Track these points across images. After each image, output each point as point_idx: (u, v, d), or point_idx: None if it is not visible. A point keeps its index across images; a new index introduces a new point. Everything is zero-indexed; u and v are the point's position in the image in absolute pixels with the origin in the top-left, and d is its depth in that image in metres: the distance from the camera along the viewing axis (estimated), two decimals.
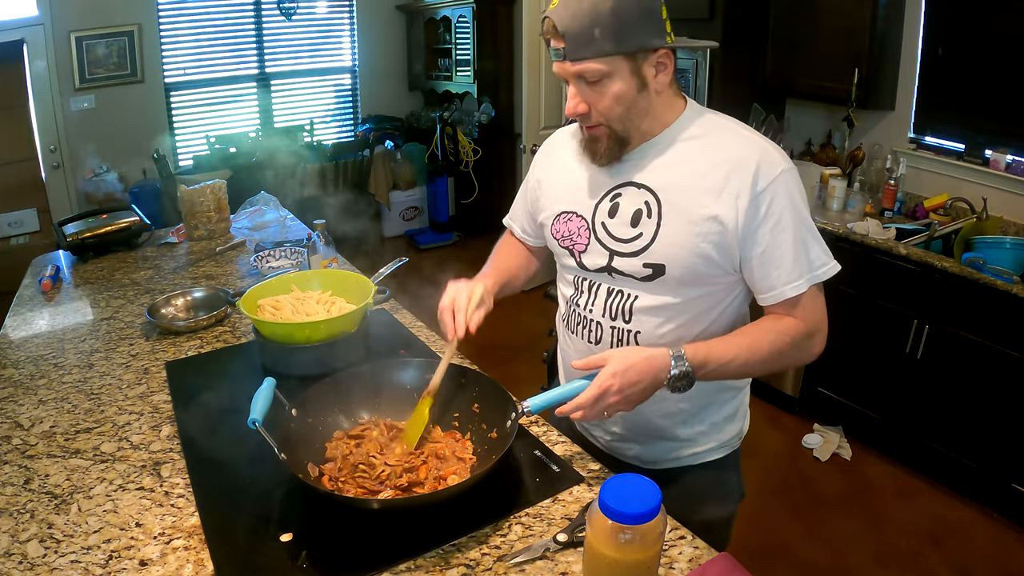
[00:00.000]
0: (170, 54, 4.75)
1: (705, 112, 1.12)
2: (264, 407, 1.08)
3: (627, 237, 1.09)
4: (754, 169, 1.02)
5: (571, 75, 1.02)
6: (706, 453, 1.22)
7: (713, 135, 1.08)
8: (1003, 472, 2.30)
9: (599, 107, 1.04)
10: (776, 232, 1.03)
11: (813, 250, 1.05)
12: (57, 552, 0.93)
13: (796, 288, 1.04)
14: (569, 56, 1.00)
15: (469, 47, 4.98)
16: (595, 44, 0.97)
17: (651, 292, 1.09)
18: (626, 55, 1.00)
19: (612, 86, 1.01)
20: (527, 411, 1.07)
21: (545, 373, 1.44)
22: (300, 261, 1.90)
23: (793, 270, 1.04)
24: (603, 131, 1.07)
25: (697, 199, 1.04)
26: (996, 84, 2.63)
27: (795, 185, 1.04)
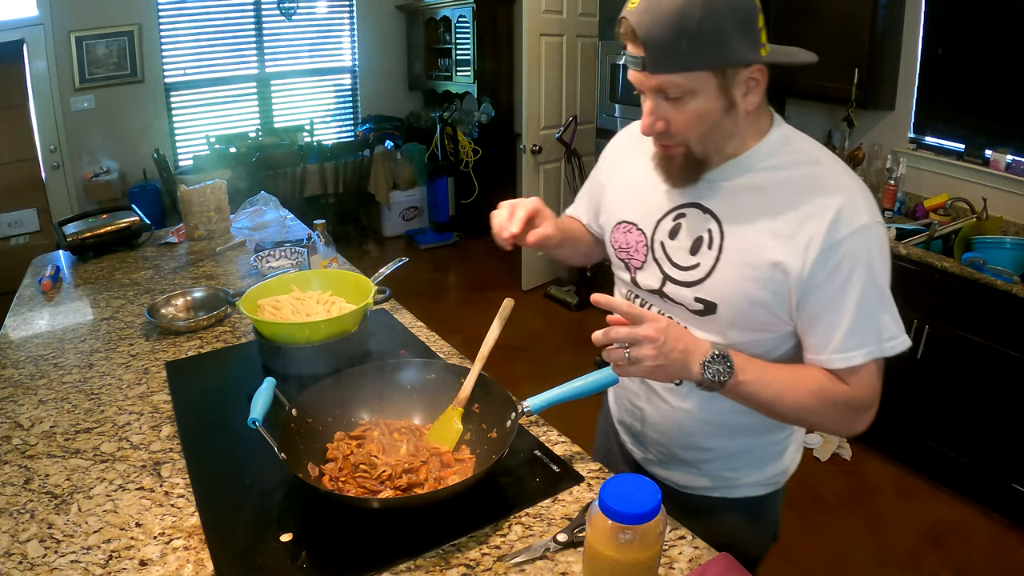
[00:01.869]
0: (170, 54, 4.76)
1: (793, 137, 0.99)
2: (264, 407, 1.08)
3: (684, 264, 1.00)
4: (833, 216, 0.90)
5: (649, 88, 0.91)
6: (744, 488, 1.13)
7: (797, 168, 0.95)
8: (1003, 472, 2.30)
9: (677, 125, 0.92)
10: (842, 291, 0.91)
11: (882, 319, 0.92)
12: (57, 552, 0.93)
13: (848, 359, 0.92)
14: (649, 67, 0.88)
15: (469, 47, 4.99)
16: (680, 57, 0.86)
17: (699, 327, 1.00)
18: (714, 71, 0.88)
19: (695, 104, 0.90)
20: (527, 411, 1.07)
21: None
22: (300, 261, 1.90)
23: (850, 337, 0.91)
24: (679, 151, 0.96)
25: (763, 240, 0.94)
26: (996, 84, 2.63)
27: (877, 243, 0.91)
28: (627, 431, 1.22)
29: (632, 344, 0.87)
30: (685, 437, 1.10)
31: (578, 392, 1.08)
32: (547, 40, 3.99)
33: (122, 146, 4.51)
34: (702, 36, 0.84)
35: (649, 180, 1.05)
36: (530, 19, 3.86)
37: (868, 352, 0.92)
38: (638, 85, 0.93)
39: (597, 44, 3.73)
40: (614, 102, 3.67)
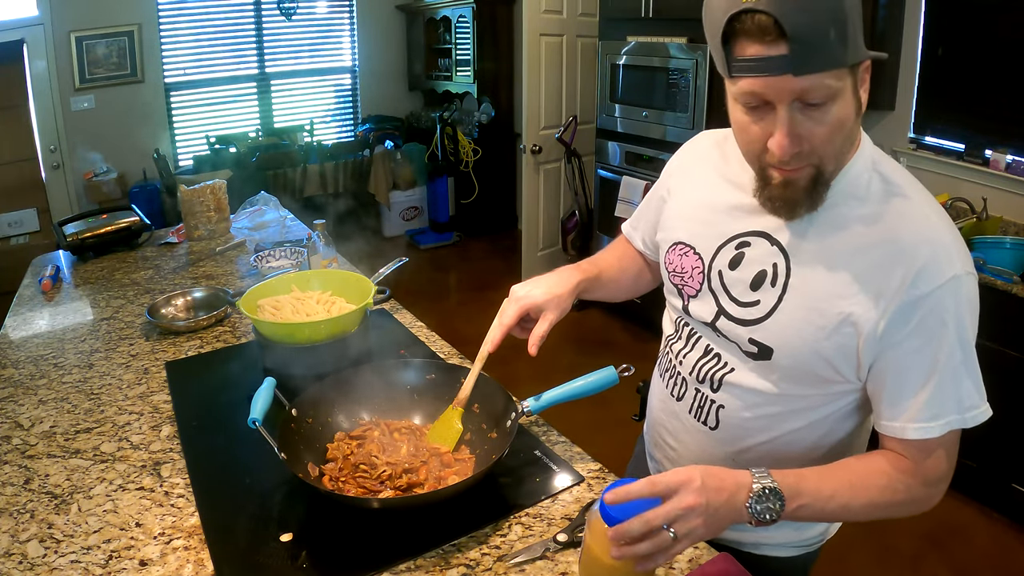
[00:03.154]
0: (170, 54, 4.76)
1: (880, 160, 0.86)
2: (264, 407, 1.08)
3: (743, 300, 0.90)
4: (920, 265, 0.77)
5: (786, 97, 0.74)
6: (774, 548, 1.03)
7: (882, 202, 0.82)
8: (1003, 472, 2.30)
9: (817, 139, 0.76)
10: (922, 352, 0.79)
11: (964, 385, 0.80)
12: (57, 552, 0.93)
13: (924, 430, 0.80)
14: (796, 67, 0.71)
15: (469, 47, 4.99)
16: (830, 50, 0.70)
17: (750, 370, 0.91)
18: (851, 68, 0.75)
19: (836, 109, 0.75)
20: (527, 411, 1.07)
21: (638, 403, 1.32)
22: (300, 261, 1.90)
23: (929, 406, 0.80)
24: (807, 173, 0.79)
25: (835, 285, 0.82)
26: (996, 84, 2.63)
27: (967, 299, 0.79)
28: (657, 468, 1.14)
29: (675, 521, 0.74)
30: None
31: (578, 392, 1.08)
32: (547, 40, 3.99)
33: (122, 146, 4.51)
34: (847, 25, 0.71)
35: (713, 199, 0.95)
36: (530, 19, 3.86)
37: (948, 423, 0.80)
38: (768, 94, 0.75)
39: (597, 44, 3.73)
40: (614, 102, 3.67)
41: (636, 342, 3.71)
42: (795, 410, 0.90)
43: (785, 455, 0.94)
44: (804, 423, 0.91)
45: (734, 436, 0.95)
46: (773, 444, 0.93)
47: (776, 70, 0.72)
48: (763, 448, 0.94)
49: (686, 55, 3.16)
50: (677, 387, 1.01)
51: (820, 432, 0.92)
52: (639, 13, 3.39)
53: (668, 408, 1.04)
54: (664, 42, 3.28)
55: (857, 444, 0.96)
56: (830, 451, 0.94)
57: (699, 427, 0.98)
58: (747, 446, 0.95)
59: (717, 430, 0.96)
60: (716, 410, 0.95)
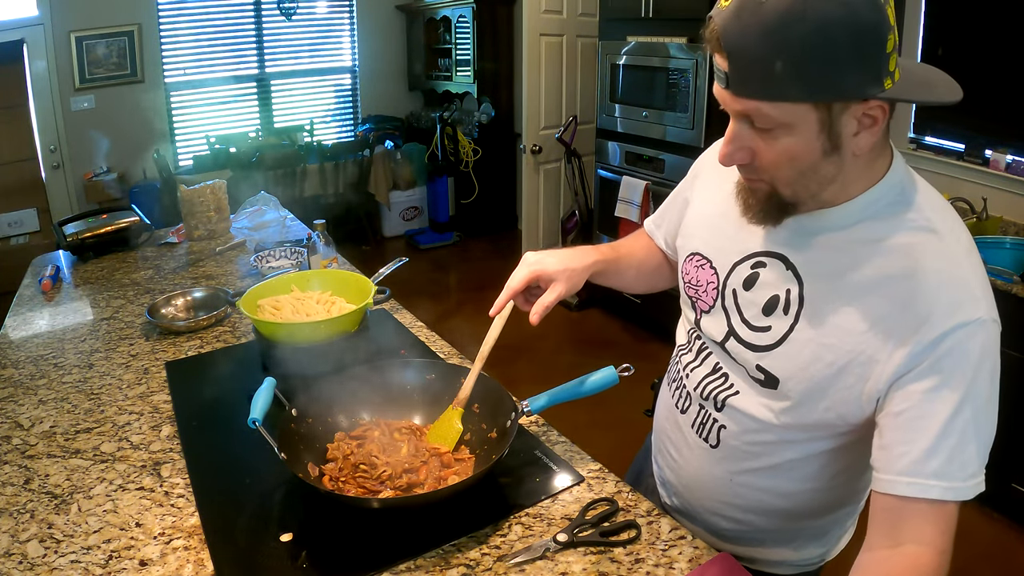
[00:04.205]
0: (170, 54, 4.76)
1: (911, 188, 0.80)
2: (264, 407, 1.08)
3: (755, 324, 0.86)
4: (942, 304, 0.72)
5: (733, 111, 0.75)
6: (772, 565, 1.01)
7: (907, 234, 0.76)
8: (1003, 472, 2.30)
9: (763, 160, 0.75)
10: (932, 399, 0.72)
11: (967, 450, 0.73)
12: (57, 552, 0.93)
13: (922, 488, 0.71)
14: (733, 87, 0.71)
15: (469, 47, 4.99)
16: (773, 82, 0.68)
17: (756, 396, 0.87)
18: (816, 105, 0.69)
19: (788, 140, 0.72)
20: (527, 411, 1.07)
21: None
22: (300, 261, 1.90)
23: (930, 459, 0.71)
24: (763, 188, 0.79)
25: (848, 319, 0.77)
26: (996, 84, 2.62)
27: (989, 348, 0.74)
28: (659, 472, 1.13)
29: None
30: (712, 503, 0.99)
31: (578, 392, 1.08)
32: (547, 40, 3.99)
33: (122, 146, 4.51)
34: (805, 59, 0.66)
35: (733, 211, 0.89)
36: (530, 19, 3.86)
37: (949, 488, 0.72)
38: (722, 103, 0.76)
39: (597, 44, 3.73)
40: (614, 102, 3.67)
41: (636, 342, 3.71)
42: (796, 441, 0.87)
43: (784, 481, 0.92)
44: (803, 455, 0.88)
45: (734, 457, 0.93)
46: (772, 471, 0.91)
47: (722, 82, 0.73)
48: (763, 473, 0.92)
49: (686, 55, 3.16)
50: (682, 400, 1.00)
51: (820, 463, 0.88)
52: (639, 13, 3.39)
53: (672, 419, 1.04)
54: (664, 42, 3.28)
55: (863, 478, 0.93)
56: (832, 481, 0.91)
57: (700, 443, 0.97)
58: (745, 468, 0.93)
59: (717, 449, 0.95)
60: (718, 430, 0.94)
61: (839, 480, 0.91)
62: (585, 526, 0.95)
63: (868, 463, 0.79)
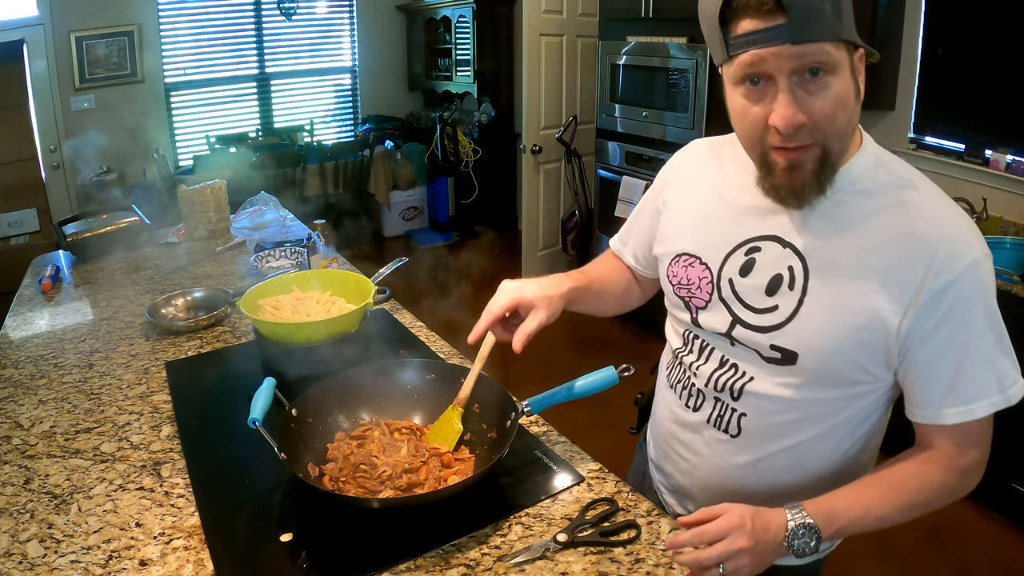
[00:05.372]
0: (170, 54, 4.76)
1: (884, 156, 0.87)
2: (264, 407, 1.08)
3: (759, 306, 0.89)
4: (940, 254, 0.79)
5: (787, 67, 0.75)
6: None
7: (890, 194, 0.83)
8: (1003, 472, 2.30)
9: (819, 115, 0.77)
10: (954, 340, 0.80)
11: (1001, 365, 0.81)
12: (57, 552, 0.93)
13: (968, 412, 0.82)
14: (794, 35, 0.73)
15: (469, 47, 4.99)
16: (827, 21, 0.73)
17: (773, 376, 0.90)
18: (848, 45, 0.77)
19: (837, 84, 0.76)
20: (527, 411, 1.07)
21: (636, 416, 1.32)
22: (300, 261, 1.90)
23: (965, 390, 0.81)
24: (813, 154, 0.79)
25: (856, 281, 0.82)
26: (996, 84, 2.62)
27: (989, 279, 0.81)
28: (666, 482, 1.12)
29: (727, 560, 0.78)
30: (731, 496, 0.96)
31: (578, 392, 1.08)
32: (547, 40, 3.99)
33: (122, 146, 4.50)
34: (840, 1, 0.74)
35: (714, 206, 0.94)
36: (530, 19, 3.86)
37: (991, 403, 0.81)
38: (768, 65, 0.76)
39: (597, 44, 3.72)
40: (614, 102, 3.67)
41: (636, 342, 3.70)
42: (818, 414, 0.90)
43: (804, 459, 0.94)
44: (825, 427, 0.91)
45: (756, 443, 0.95)
46: (794, 450, 0.93)
47: (775, 39, 0.74)
48: (784, 454, 0.94)
49: (686, 55, 3.16)
50: (693, 398, 1.00)
51: (839, 436, 0.92)
52: (639, 13, 3.39)
53: (681, 420, 1.03)
54: (664, 42, 3.27)
55: (871, 445, 0.97)
56: (846, 455, 0.94)
57: (719, 436, 0.97)
58: (768, 452, 0.94)
59: (739, 437, 0.95)
60: (738, 419, 0.94)
61: (854, 450, 0.95)
62: (585, 526, 0.95)
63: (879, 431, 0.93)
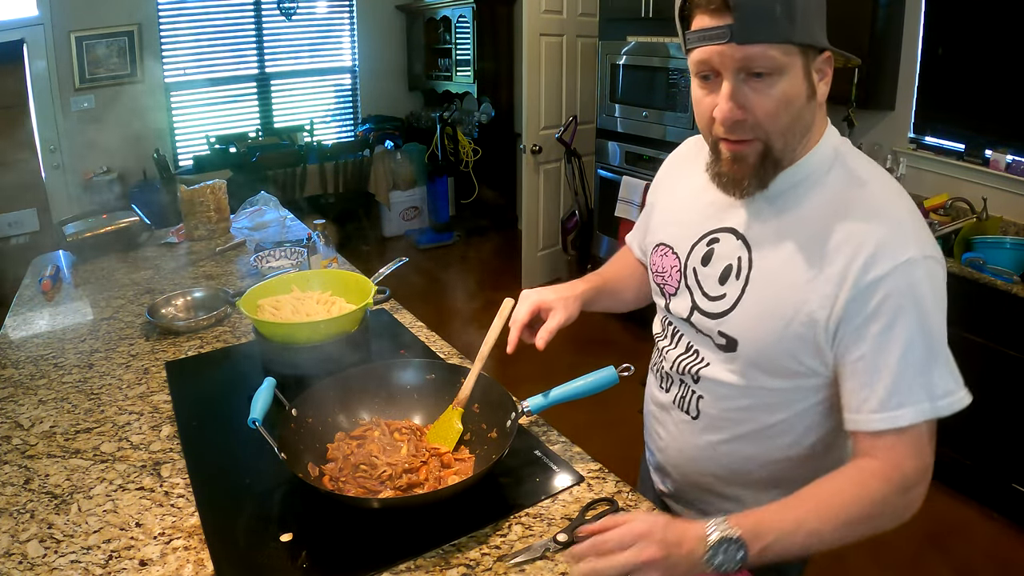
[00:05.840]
0: (170, 54, 4.76)
1: (846, 152, 0.88)
2: (264, 407, 1.08)
3: (712, 294, 0.93)
4: (871, 249, 0.78)
5: (732, 65, 0.78)
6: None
7: (839, 189, 0.84)
8: (1003, 472, 2.30)
9: (760, 111, 0.80)
10: (884, 339, 0.78)
11: (936, 371, 0.79)
12: (57, 552, 0.93)
13: (893, 419, 0.78)
14: (739, 36, 0.76)
15: (469, 47, 4.99)
16: (775, 24, 0.76)
17: (723, 363, 0.93)
18: (802, 48, 0.78)
19: (783, 84, 0.79)
20: (527, 411, 1.07)
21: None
22: (300, 261, 1.90)
23: (893, 394, 0.78)
24: (755, 148, 0.83)
25: (791, 274, 0.84)
26: (996, 84, 2.62)
27: (928, 281, 0.79)
28: (652, 459, 1.16)
29: (633, 572, 0.74)
30: (699, 476, 1.04)
31: (578, 392, 1.09)
32: (547, 40, 3.99)
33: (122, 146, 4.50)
34: (795, 5, 0.76)
35: (692, 200, 0.99)
36: (530, 19, 3.86)
37: (918, 411, 0.78)
38: (714, 63, 0.80)
39: (597, 44, 3.73)
40: (614, 102, 3.67)
41: (636, 342, 3.70)
42: (768, 404, 0.92)
43: (767, 449, 0.95)
44: (780, 417, 0.92)
45: (714, 426, 0.98)
46: (753, 438, 0.95)
47: (720, 38, 0.77)
48: (742, 441, 0.96)
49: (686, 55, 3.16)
50: (664, 381, 1.06)
51: (800, 428, 0.93)
52: (639, 13, 3.39)
53: (657, 400, 1.08)
54: (664, 42, 3.27)
55: (840, 441, 0.95)
56: (812, 449, 0.95)
57: (683, 417, 1.02)
58: (726, 437, 0.97)
59: (698, 420, 1.00)
60: (697, 400, 0.99)
61: (820, 447, 0.94)
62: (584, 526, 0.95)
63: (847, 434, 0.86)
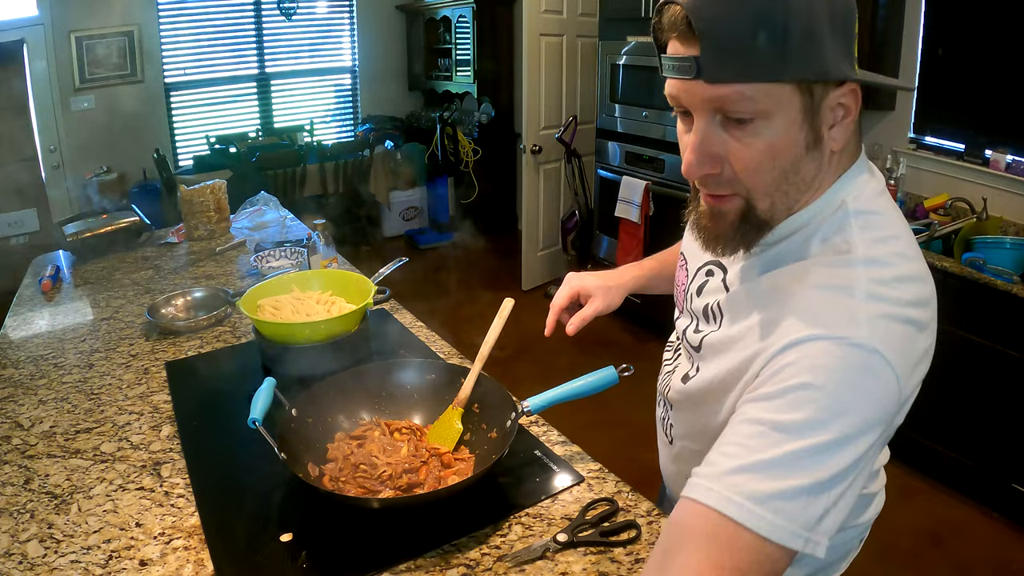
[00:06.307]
0: (170, 54, 4.76)
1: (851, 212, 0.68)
2: (264, 407, 1.08)
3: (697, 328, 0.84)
4: (811, 317, 0.62)
5: (701, 105, 0.63)
6: None
7: (819, 253, 0.68)
8: (1003, 472, 2.30)
9: (740, 164, 0.64)
10: (758, 407, 0.61)
11: (783, 487, 0.56)
12: (57, 552, 0.93)
13: (700, 489, 0.60)
14: (707, 72, 0.60)
15: (469, 47, 4.99)
16: (757, 59, 0.59)
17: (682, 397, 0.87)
18: (800, 85, 0.61)
19: (769, 132, 0.62)
20: (527, 411, 1.07)
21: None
22: (300, 261, 1.90)
23: (723, 462, 0.60)
24: (735, 205, 0.68)
25: (739, 330, 0.72)
26: (996, 84, 2.62)
27: (858, 381, 0.59)
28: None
29: None
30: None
31: (578, 392, 1.08)
32: (547, 40, 3.99)
33: (122, 146, 4.50)
34: (790, 29, 0.58)
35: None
36: (530, 19, 3.86)
37: (733, 502, 0.57)
38: (683, 100, 0.65)
39: (597, 44, 3.73)
40: (614, 102, 3.67)
41: (636, 342, 3.71)
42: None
43: None
44: None
45: (683, 457, 0.93)
46: None
47: (684, 72, 0.62)
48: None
49: None
50: (658, 395, 1.01)
51: None
52: (639, 13, 3.39)
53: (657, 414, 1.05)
54: None
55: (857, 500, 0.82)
56: None
57: (664, 439, 0.99)
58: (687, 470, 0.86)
59: (672, 446, 0.96)
60: (670, 427, 0.95)
61: None
62: (585, 526, 0.95)
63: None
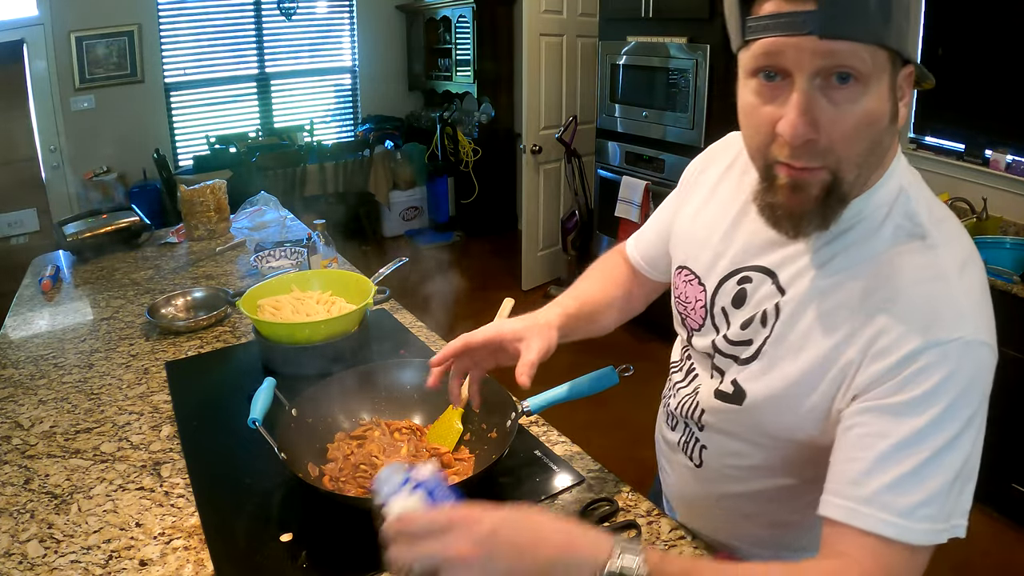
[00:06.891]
0: (170, 54, 4.76)
1: (914, 192, 0.71)
2: (264, 407, 1.08)
3: (735, 339, 0.80)
4: (916, 321, 0.64)
5: (809, 65, 0.61)
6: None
7: (898, 243, 0.68)
8: (1003, 472, 2.30)
9: (836, 133, 0.62)
10: (889, 418, 0.63)
11: (927, 484, 0.61)
12: (57, 552, 0.93)
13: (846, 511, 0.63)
14: (824, 26, 0.58)
15: (469, 47, 4.99)
16: (868, 20, 0.58)
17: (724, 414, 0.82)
18: (892, 56, 0.62)
19: (868, 99, 0.61)
20: (527, 411, 1.07)
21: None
22: (300, 261, 1.90)
23: (865, 482, 0.62)
24: (820, 178, 0.65)
25: (820, 333, 0.70)
26: (996, 84, 2.62)
27: (972, 373, 0.65)
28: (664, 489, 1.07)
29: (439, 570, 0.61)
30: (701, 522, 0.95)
31: (578, 392, 1.08)
32: (547, 40, 3.99)
33: (122, 146, 4.50)
34: (893, 1, 0.59)
35: (722, 220, 0.83)
36: (530, 19, 3.86)
37: (885, 522, 0.61)
38: (786, 58, 0.62)
39: (597, 44, 3.73)
40: (614, 102, 3.67)
41: (636, 342, 3.70)
42: (772, 467, 0.81)
43: (774, 510, 0.86)
44: (785, 483, 0.81)
45: (715, 479, 0.89)
46: (754, 498, 0.86)
47: (800, 27, 0.59)
48: (746, 498, 0.86)
49: (686, 55, 3.16)
50: (671, 418, 0.97)
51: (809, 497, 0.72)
52: (639, 13, 3.39)
53: (666, 437, 1.01)
54: (664, 42, 3.27)
55: None
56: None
57: (687, 462, 0.93)
58: (729, 492, 0.88)
59: (700, 469, 0.91)
60: (700, 449, 0.90)
61: None
62: None
63: None
